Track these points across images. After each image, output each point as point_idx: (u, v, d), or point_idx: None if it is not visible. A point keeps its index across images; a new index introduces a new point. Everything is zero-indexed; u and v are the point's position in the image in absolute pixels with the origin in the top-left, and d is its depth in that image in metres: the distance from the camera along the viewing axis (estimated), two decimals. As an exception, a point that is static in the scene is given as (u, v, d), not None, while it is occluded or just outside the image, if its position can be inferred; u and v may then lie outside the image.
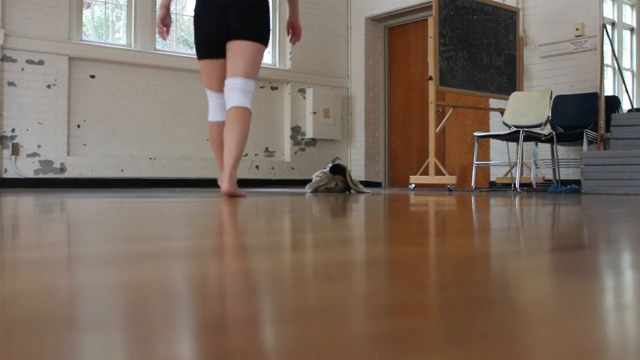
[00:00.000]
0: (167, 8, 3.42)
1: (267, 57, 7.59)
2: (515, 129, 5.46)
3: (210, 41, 3.23)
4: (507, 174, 6.20)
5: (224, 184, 3.12)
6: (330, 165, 4.59)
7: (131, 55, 6.25)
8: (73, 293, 0.58)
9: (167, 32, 3.45)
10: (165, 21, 3.43)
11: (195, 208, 2.25)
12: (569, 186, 5.28)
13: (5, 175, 5.58)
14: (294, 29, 3.57)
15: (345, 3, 7.95)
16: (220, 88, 3.30)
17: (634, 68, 6.41)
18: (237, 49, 3.13)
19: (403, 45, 7.83)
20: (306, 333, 0.43)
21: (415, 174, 6.38)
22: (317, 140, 7.65)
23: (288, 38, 3.69)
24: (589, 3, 5.73)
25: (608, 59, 5.85)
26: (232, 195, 3.15)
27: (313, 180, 4.54)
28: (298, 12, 3.58)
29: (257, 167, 7.14)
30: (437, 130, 5.72)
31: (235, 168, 3.13)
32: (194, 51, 7.02)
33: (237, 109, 3.10)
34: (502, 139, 5.61)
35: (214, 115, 3.38)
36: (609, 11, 6.19)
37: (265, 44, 3.29)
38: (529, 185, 5.69)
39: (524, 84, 6.26)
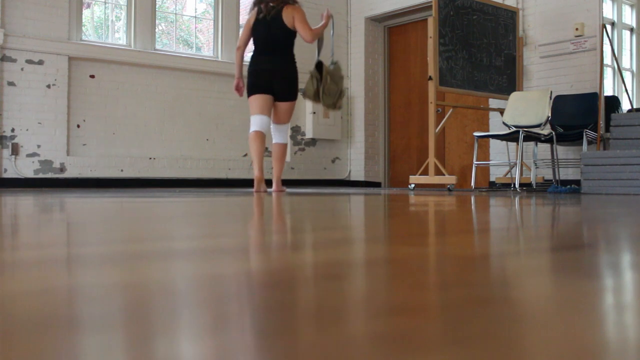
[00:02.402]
0: (239, 78, 4.78)
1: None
2: (514, 129, 5.46)
3: (260, 86, 4.68)
4: (506, 174, 6.20)
5: (273, 187, 4.73)
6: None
7: (131, 55, 6.24)
8: (73, 293, 0.58)
9: (241, 94, 4.85)
10: (239, 86, 4.80)
11: (195, 208, 2.25)
12: (568, 186, 5.27)
13: (5, 175, 5.58)
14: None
15: (345, 3, 7.95)
16: (261, 113, 4.65)
17: (634, 68, 6.41)
18: (281, 107, 4.73)
19: (403, 45, 7.83)
20: (306, 333, 0.43)
21: (415, 174, 6.38)
22: (317, 140, 7.65)
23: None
24: (588, 3, 5.73)
25: (608, 59, 5.85)
26: (280, 192, 4.61)
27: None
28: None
29: (256, 167, 7.14)
30: (436, 131, 5.72)
31: (279, 179, 4.78)
32: (193, 51, 7.04)
33: (281, 145, 4.79)
34: (502, 139, 5.61)
35: (254, 127, 4.65)
36: (608, 11, 6.19)
37: (295, 99, 4.80)
38: (529, 185, 5.69)
39: (523, 84, 6.26)
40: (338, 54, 7.83)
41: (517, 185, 5.31)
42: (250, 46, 4.89)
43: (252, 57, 4.78)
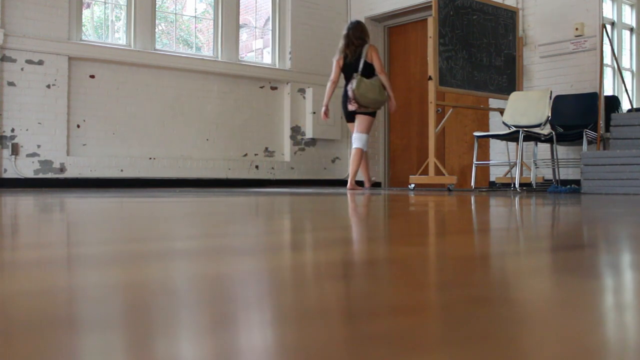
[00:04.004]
0: (326, 106, 5.98)
1: (267, 57, 7.59)
2: (514, 129, 5.46)
3: (346, 116, 5.96)
4: (506, 174, 6.20)
5: (348, 185, 5.74)
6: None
7: (131, 55, 6.24)
8: (73, 293, 0.58)
9: (325, 119, 6.11)
10: (325, 113, 6.00)
11: (194, 208, 2.25)
12: (568, 186, 5.27)
13: (5, 175, 5.58)
14: (390, 106, 5.95)
15: (345, 3, 7.94)
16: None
17: (634, 68, 6.41)
18: (357, 119, 5.76)
19: (403, 45, 7.83)
20: (307, 333, 0.43)
21: (415, 174, 6.38)
22: (317, 140, 7.65)
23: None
24: (588, 3, 5.73)
25: (608, 59, 5.84)
26: (353, 189, 5.58)
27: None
28: (391, 90, 5.82)
29: (257, 167, 7.14)
30: (436, 130, 5.72)
31: (353, 178, 5.73)
32: (193, 51, 7.03)
33: (355, 149, 5.78)
34: (502, 139, 5.61)
35: (354, 144, 5.81)
36: (608, 11, 6.19)
37: (372, 115, 5.81)
38: (529, 185, 5.69)
39: (523, 83, 6.26)
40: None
41: (517, 185, 5.31)
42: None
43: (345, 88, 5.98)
